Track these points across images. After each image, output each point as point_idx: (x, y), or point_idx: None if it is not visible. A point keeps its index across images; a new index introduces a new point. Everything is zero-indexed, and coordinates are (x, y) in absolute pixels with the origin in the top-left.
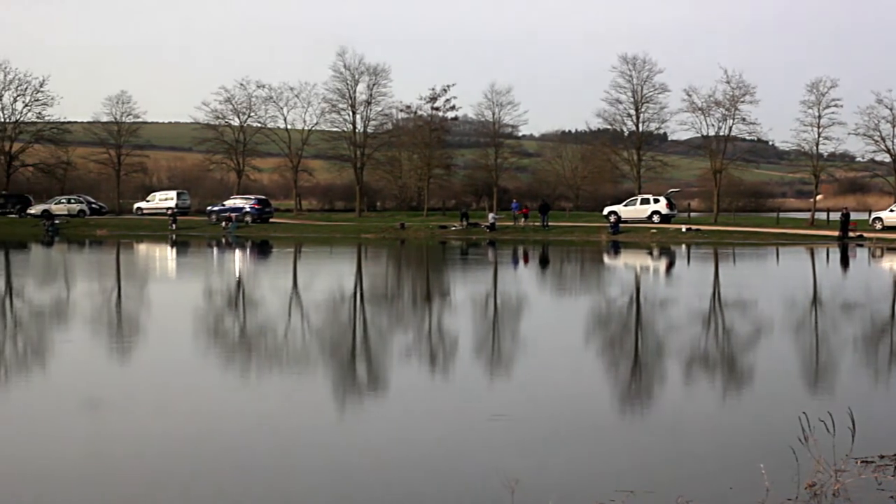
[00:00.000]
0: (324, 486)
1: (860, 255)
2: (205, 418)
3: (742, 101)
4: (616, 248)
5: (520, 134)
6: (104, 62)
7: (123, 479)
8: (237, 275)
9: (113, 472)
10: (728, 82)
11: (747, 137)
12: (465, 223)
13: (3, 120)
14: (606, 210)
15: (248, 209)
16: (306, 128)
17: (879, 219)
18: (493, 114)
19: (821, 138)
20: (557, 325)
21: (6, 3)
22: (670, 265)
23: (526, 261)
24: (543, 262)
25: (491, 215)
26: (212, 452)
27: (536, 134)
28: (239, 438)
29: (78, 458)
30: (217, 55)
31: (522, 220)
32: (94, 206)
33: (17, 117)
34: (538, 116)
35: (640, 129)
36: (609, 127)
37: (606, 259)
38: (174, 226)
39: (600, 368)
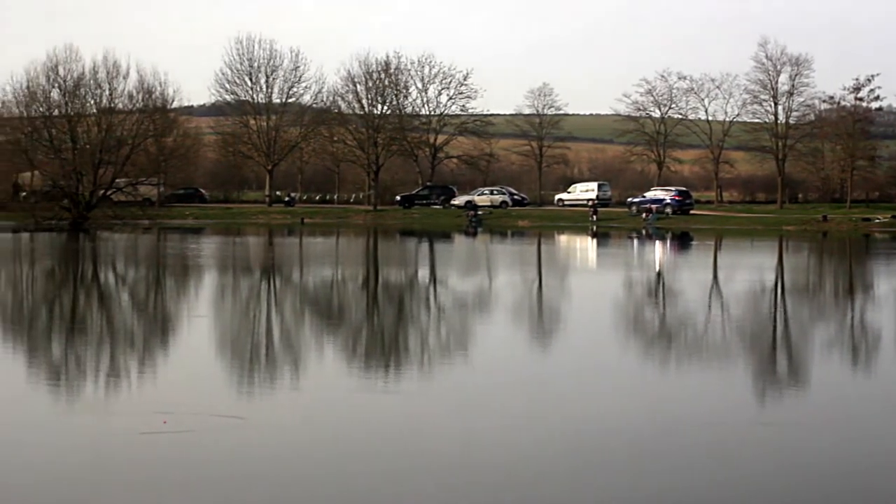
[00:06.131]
0: (727, 476)
1: None
2: (606, 404)
3: None
4: None
5: None
6: (528, 55)
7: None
8: (657, 267)
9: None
10: None
11: None
12: None
13: (428, 112)
14: None
15: (668, 201)
16: (727, 119)
17: None
18: None
19: None
20: None
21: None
22: None
23: None
24: None
25: None
26: (608, 439)
27: None
28: (654, 425)
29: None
30: (637, 46)
31: None
32: (516, 197)
33: (442, 110)
34: None
35: None
36: None
37: None
38: (595, 217)
39: None
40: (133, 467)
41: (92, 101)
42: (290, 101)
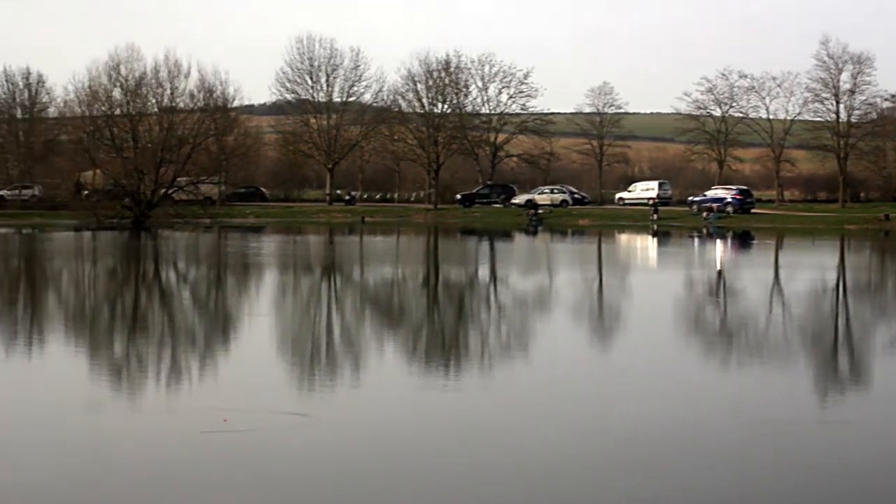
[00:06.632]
0: (794, 480)
1: None
2: (677, 402)
3: None
4: None
5: None
6: (588, 53)
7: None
8: (718, 266)
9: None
10: None
11: None
12: None
13: (488, 111)
14: None
15: (729, 200)
16: (788, 118)
17: None
18: None
19: None
20: None
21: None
22: None
23: None
24: None
25: None
26: (676, 436)
27: None
28: (709, 424)
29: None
30: (698, 45)
31: None
32: (576, 196)
33: (502, 109)
34: None
35: None
36: None
37: None
38: (655, 216)
39: None
40: (193, 466)
41: (153, 101)
42: (350, 99)
